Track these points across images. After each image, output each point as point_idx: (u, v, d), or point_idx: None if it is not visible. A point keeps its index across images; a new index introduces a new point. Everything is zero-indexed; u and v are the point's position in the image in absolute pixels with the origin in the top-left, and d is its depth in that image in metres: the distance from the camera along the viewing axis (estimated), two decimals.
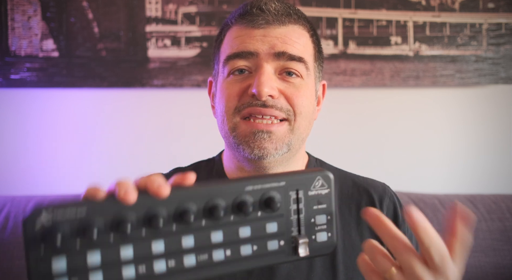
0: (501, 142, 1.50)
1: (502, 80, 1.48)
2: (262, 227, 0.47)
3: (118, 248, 0.43)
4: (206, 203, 0.45)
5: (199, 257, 0.45)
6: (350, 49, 1.47)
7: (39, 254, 0.41)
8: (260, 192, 0.47)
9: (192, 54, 1.44)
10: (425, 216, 0.46)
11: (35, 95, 1.44)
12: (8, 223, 1.21)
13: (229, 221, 0.46)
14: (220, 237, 0.46)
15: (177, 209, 0.45)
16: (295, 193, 0.48)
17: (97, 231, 0.42)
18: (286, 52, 0.70)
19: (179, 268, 0.45)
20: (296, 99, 0.71)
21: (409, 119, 1.49)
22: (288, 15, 0.73)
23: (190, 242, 0.45)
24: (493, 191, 1.46)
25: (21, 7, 1.42)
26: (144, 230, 0.44)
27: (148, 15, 1.44)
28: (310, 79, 0.74)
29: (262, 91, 0.67)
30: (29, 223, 0.41)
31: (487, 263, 1.21)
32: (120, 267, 0.43)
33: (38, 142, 1.44)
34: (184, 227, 0.45)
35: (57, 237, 0.41)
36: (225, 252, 0.46)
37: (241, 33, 0.72)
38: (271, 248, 0.47)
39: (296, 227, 0.48)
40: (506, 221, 1.26)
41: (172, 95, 1.46)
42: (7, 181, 1.41)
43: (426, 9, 1.47)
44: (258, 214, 0.47)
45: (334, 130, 1.48)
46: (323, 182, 0.49)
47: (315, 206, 0.49)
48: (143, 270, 0.43)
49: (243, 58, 0.71)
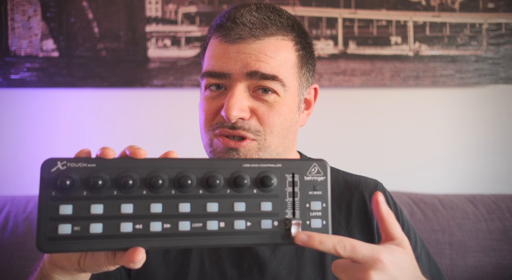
0: (501, 142, 1.50)
1: (502, 80, 1.48)
2: (257, 205, 0.49)
3: (120, 204, 0.47)
4: (205, 174, 0.48)
5: (194, 224, 0.48)
6: (350, 49, 1.47)
7: (50, 197, 0.46)
8: (257, 170, 0.49)
9: (192, 54, 1.45)
10: (425, 216, 0.47)
11: (35, 95, 1.44)
12: (8, 223, 1.21)
13: (225, 194, 0.49)
14: (216, 208, 0.48)
15: (178, 175, 0.48)
16: (291, 176, 0.50)
17: (102, 186, 0.46)
18: (258, 72, 0.68)
19: (173, 231, 0.47)
20: (267, 118, 0.70)
21: (409, 119, 1.49)
22: (264, 27, 0.69)
23: (187, 208, 0.48)
24: (493, 191, 1.46)
25: (21, 7, 1.42)
26: (146, 190, 0.47)
27: (148, 15, 1.44)
28: (289, 94, 0.72)
29: (230, 115, 0.67)
30: (46, 168, 0.46)
31: (487, 263, 1.21)
32: (119, 222, 0.47)
33: (38, 142, 1.44)
34: (183, 193, 0.48)
35: (66, 187, 0.45)
36: (219, 224, 0.48)
37: (216, 47, 0.71)
38: (264, 226, 0.49)
39: (290, 209, 0.50)
40: (506, 221, 1.26)
41: (172, 95, 1.46)
42: (7, 181, 1.41)
43: (426, 9, 1.47)
44: (253, 191, 0.49)
45: (334, 130, 1.48)
46: (319, 169, 0.51)
47: (310, 191, 0.50)
48: (140, 227, 0.47)
49: (216, 78, 0.71)
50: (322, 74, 1.46)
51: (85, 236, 0.46)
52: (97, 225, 0.46)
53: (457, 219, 1.26)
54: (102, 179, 0.46)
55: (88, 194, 0.46)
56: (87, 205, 0.46)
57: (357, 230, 0.77)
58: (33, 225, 1.20)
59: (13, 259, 1.17)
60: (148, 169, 0.47)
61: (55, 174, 0.46)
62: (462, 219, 1.26)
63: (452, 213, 1.27)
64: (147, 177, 0.47)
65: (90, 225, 0.46)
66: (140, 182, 0.47)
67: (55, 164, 0.46)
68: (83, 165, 0.47)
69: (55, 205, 0.46)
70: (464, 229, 1.25)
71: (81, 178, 0.46)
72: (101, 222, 0.46)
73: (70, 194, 0.46)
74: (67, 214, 0.46)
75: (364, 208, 0.78)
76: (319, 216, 0.50)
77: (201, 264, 0.74)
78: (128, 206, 0.47)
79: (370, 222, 0.77)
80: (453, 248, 1.23)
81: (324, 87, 1.46)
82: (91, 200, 0.46)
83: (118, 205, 0.47)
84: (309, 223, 0.50)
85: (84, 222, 0.46)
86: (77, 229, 0.46)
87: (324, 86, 1.46)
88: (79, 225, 0.46)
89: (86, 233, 0.46)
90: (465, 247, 1.23)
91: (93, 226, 0.46)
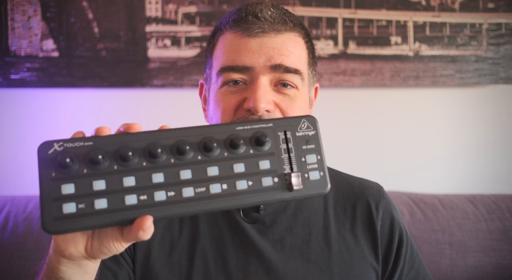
0: (501, 142, 1.50)
1: (502, 80, 1.48)
2: (255, 164, 0.50)
3: (121, 177, 0.47)
4: (202, 139, 0.49)
5: (197, 189, 0.48)
6: (350, 49, 1.47)
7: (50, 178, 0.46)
8: (250, 131, 0.51)
9: (192, 54, 1.45)
10: (425, 216, 0.47)
11: (35, 95, 1.44)
12: (8, 223, 1.21)
13: (223, 156, 0.50)
14: (216, 171, 0.49)
15: (175, 143, 0.48)
16: (283, 134, 0.52)
17: (102, 161, 0.46)
18: (282, 65, 0.69)
19: (178, 198, 0.48)
20: (290, 112, 0.71)
21: (409, 119, 1.49)
22: (284, 23, 0.71)
23: (188, 175, 0.48)
24: (493, 191, 1.46)
25: (21, 7, 1.42)
26: (145, 162, 0.48)
27: (148, 15, 1.44)
28: (305, 89, 0.74)
29: (258, 107, 0.67)
30: (43, 150, 0.47)
31: (487, 263, 1.21)
32: (123, 195, 0.46)
33: (38, 142, 1.43)
34: (182, 161, 0.48)
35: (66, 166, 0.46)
36: (221, 186, 0.49)
37: (236, 42, 0.71)
38: (265, 184, 0.50)
39: (288, 165, 0.51)
40: (506, 221, 1.26)
41: (172, 95, 1.46)
42: (7, 181, 1.41)
43: (426, 9, 1.47)
44: (250, 151, 0.50)
45: (334, 130, 1.48)
46: (309, 124, 0.53)
47: (304, 145, 0.52)
48: (145, 198, 0.47)
49: (238, 72, 0.70)
50: (322, 74, 1.46)
51: (91, 212, 0.45)
52: (102, 200, 0.46)
53: (457, 219, 1.26)
54: (101, 154, 0.46)
55: (89, 171, 0.46)
56: (88, 182, 0.46)
57: (361, 235, 0.76)
58: (33, 225, 1.20)
59: (13, 259, 1.17)
60: (145, 140, 0.48)
61: (53, 155, 0.46)
62: (462, 219, 1.26)
63: (452, 213, 1.27)
64: (145, 148, 0.47)
65: (95, 201, 0.46)
66: (139, 154, 0.47)
67: (51, 145, 0.47)
68: (80, 144, 0.47)
69: (57, 185, 0.45)
70: (464, 229, 1.25)
71: (79, 156, 0.46)
72: (105, 197, 0.46)
73: (70, 173, 0.46)
74: (69, 193, 0.45)
75: (369, 214, 0.78)
76: (316, 168, 0.51)
77: (205, 266, 0.72)
78: (130, 178, 0.47)
79: (374, 228, 0.77)
80: (453, 248, 1.23)
81: (324, 87, 1.46)
82: (92, 177, 0.46)
83: (120, 178, 0.47)
84: (307, 176, 0.51)
85: (88, 199, 0.45)
86: (82, 206, 0.45)
87: (324, 86, 1.46)
88: (83, 202, 0.45)
89: (91, 209, 0.45)
90: (465, 247, 1.23)
91: (98, 202, 0.46)
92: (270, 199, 0.50)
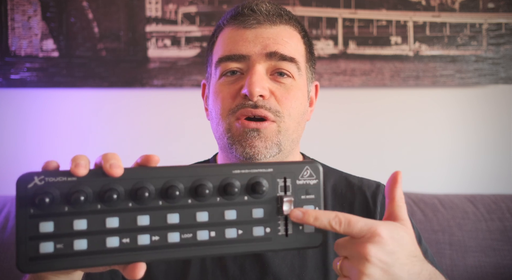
0: (501, 142, 1.50)
1: (502, 80, 1.48)
2: (248, 212, 0.48)
3: (104, 218, 0.44)
4: (193, 182, 0.46)
5: (183, 235, 0.46)
6: (350, 49, 1.47)
7: (28, 215, 0.43)
8: (247, 176, 0.48)
9: (192, 54, 1.44)
10: (425, 216, 0.47)
11: (35, 95, 1.44)
12: (8, 223, 1.21)
13: (215, 202, 0.47)
14: (206, 217, 0.46)
15: (164, 185, 0.45)
16: (282, 181, 0.49)
17: (85, 200, 0.43)
18: (277, 52, 0.71)
19: (162, 243, 0.45)
20: (286, 100, 0.71)
21: (409, 119, 1.49)
22: (279, 15, 0.74)
23: (175, 219, 0.46)
24: (493, 191, 1.46)
25: (21, 7, 1.42)
26: (131, 203, 0.45)
27: (148, 15, 1.44)
28: (302, 80, 0.75)
29: (253, 90, 0.68)
30: (22, 184, 0.43)
31: (487, 263, 1.21)
32: (105, 237, 0.44)
33: (38, 142, 1.44)
34: (170, 204, 0.46)
35: (46, 203, 0.42)
36: (209, 233, 0.46)
37: (233, 34, 0.73)
38: (256, 233, 0.48)
39: (283, 215, 0.49)
40: (506, 221, 1.26)
41: (172, 95, 1.46)
42: (7, 181, 1.41)
43: (426, 9, 1.47)
44: (244, 198, 0.48)
45: (334, 130, 1.48)
46: (312, 172, 0.50)
47: (303, 195, 0.49)
48: (127, 240, 0.45)
49: (235, 61, 0.72)
50: (322, 74, 1.46)
51: (69, 253, 0.43)
52: (82, 241, 0.44)
53: (457, 219, 1.26)
54: (84, 193, 0.43)
55: (70, 209, 0.44)
56: (69, 220, 0.43)
57: None
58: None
59: (13, 259, 1.17)
60: (133, 179, 0.45)
61: (32, 190, 0.43)
62: (462, 219, 1.26)
63: (452, 213, 1.27)
64: (133, 189, 0.45)
65: (74, 241, 0.43)
66: (125, 194, 0.45)
67: (32, 179, 0.43)
68: (63, 179, 0.44)
69: (35, 223, 0.43)
70: (464, 229, 1.25)
71: (61, 193, 0.43)
72: (86, 238, 0.44)
73: (50, 210, 0.43)
74: (48, 232, 0.43)
75: (366, 209, 0.79)
76: None
77: (202, 261, 0.74)
78: (114, 219, 0.44)
79: None
80: (453, 248, 1.23)
81: (324, 87, 1.46)
82: (73, 215, 0.44)
83: (103, 219, 0.44)
84: (301, 227, 0.49)
85: (67, 239, 0.43)
86: (60, 246, 0.43)
87: (324, 86, 1.46)
88: (62, 242, 0.43)
89: (70, 250, 0.43)
90: (465, 247, 1.23)
91: (77, 243, 0.43)
92: (258, 250, 0.48)
